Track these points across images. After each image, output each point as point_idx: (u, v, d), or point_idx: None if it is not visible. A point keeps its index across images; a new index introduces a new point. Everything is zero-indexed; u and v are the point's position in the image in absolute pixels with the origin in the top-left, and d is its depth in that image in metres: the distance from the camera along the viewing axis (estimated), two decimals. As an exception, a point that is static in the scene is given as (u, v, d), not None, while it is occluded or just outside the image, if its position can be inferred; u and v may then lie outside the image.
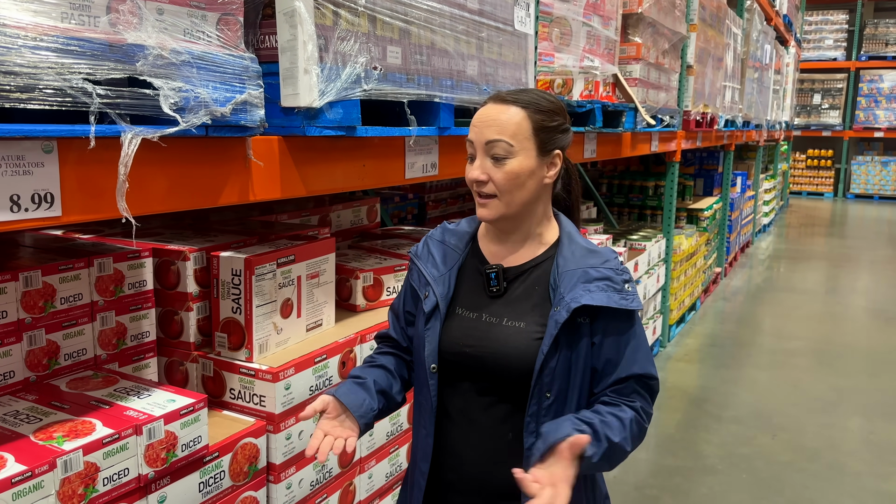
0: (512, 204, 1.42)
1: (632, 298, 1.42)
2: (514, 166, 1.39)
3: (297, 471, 1.85)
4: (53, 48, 1.12)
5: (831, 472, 3.67)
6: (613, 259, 1.46)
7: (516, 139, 1.39)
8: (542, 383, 1.39)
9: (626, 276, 1.45)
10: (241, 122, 1.45)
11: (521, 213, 1.44)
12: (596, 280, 1.41)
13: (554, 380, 1.39)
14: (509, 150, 1.39)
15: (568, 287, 1.39)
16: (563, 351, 1.39)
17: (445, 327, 1.46)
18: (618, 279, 1.43)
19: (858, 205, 15.82)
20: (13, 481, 1.21)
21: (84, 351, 1.70)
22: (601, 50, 3.54)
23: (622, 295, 1.42)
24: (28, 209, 1.14)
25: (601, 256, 1.45)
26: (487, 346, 1.42)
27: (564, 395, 1.41)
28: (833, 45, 16.80)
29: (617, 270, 1.44)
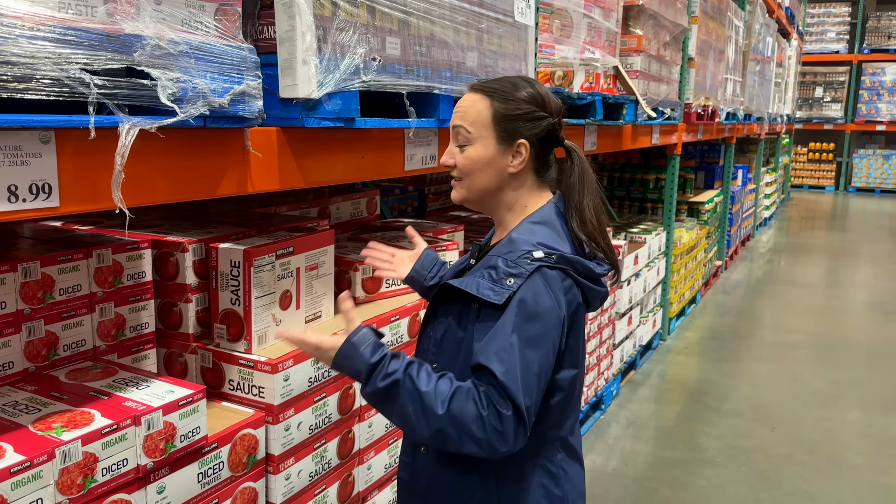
0: (472, 189, 1.47)
1: (499, 292, 1.33)
2: (471, 153, 1.45)
3: (297, 462, 1.85)
4: (51, 38, 1.12)
5: (830, 465, 3.68)
6: (520, 251, 1.37)
7: (475, 126, 1.44)
8: (427, 350, 1.48)
9: (516, 269, 1.34)
10: (240, 113, 1.44)
11: (484, 199, 1.49)
12: (487, 267, 1.40)
13: (440, 351, 1.46)
14: (468, 136, 1.45)
15: (472, 270, 1.46)
16: (451, 328, 1.44)
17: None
18: (502, 270, 1.36)
19: (860, 198, 15.80)
20: (12, 471, 1.21)
21: (83, 342, 1.70)
22: (602, 42, 3.52)
23: (493, 286, 1.34)
24: (26, 200, 1.14)
25: (512, 246, 1.40)
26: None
27: (455, 373, 1.38)
28: (835, 37, 16.75)
29: (510, 262, 1.36)
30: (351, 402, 2.04)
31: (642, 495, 3.33)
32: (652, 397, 4.52)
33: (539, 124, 1.44)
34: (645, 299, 4.97)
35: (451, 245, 2.63)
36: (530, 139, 1.43)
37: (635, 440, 3.89)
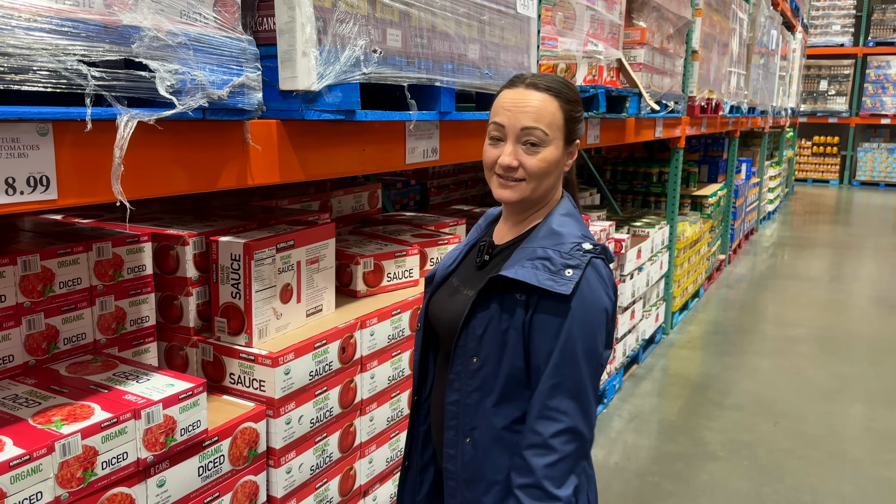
0: (537, 190, 1.45)
1: (564, 282, 1.34)
2: (547, 155, 1.42)
3: (298, 455, 1.85)
4: (48, 29, 1.11)
5: (832, 459, 3.67)
6: (570, 244, 1.40)
7: (551, 129, 1.42)
8: (467, 346, 1.44)
9: (573, 261, 1.37)
10: (239, 106, 1.43)
11: (538, 199, 1.48)
12: (536, 258, 1.39)
13: (481, 346, 1.43)
14: (544, 138, 1.41)
15: (511, 262, 1.41)
16: (494, 321, 1.41)
17: (435, 295, 1.60)
18: (558, 261, 1.37)
19: (864, 192, 15.74)
20: (11, 464, 1.21)
21: (83, 335, 1.69)
22: (605, 34, 3.51)
23: (553, 276, 1.35)
24: (24, 192, 1.14)
25: (559, 238, 1.42)
26: (444, 311, 1.54)
27: (496, 365, 1.42)
28: (840, 30, 16.67)
29: (564, 254, 1.38)
30: (352, 396, 2.03)
31: (644, 489, 3.33)
32: (654, 391, 4.51)
33: (582, 126, 1.50)
34: (648, 293, 4.95)
35: (452, 239, 2.62)
36: (580, 139, 1.50)
37: (637, 434, 3.88)
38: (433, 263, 2.58)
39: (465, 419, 1.46)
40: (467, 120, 2.30)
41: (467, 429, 1.46)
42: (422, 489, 1.68)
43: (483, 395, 1.44)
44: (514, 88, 1.45)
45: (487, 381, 1.43)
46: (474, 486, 1.47)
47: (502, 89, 1.48)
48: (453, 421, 1.49)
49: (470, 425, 1.46)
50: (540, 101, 1.41)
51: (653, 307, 5.10)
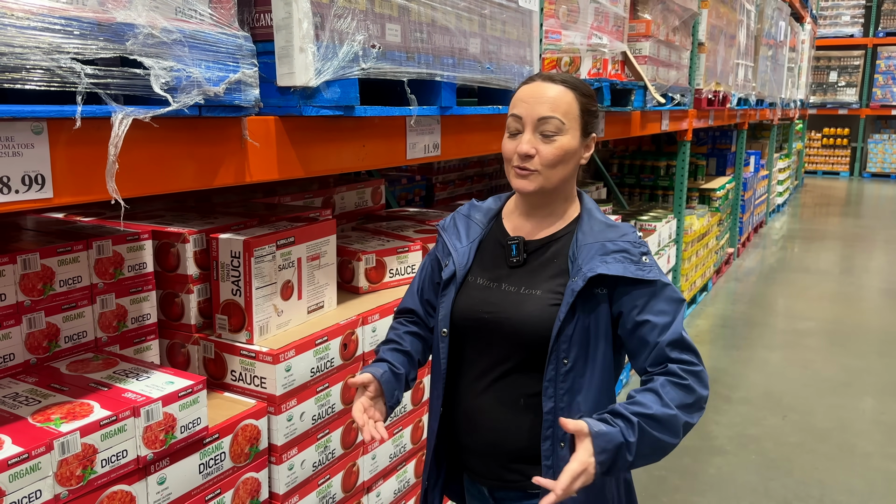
0: (551, 179, 1.48)
1: (649, 269, 1.44)
2: (563, 143, 1.46)
3: (300, 452, 1.85)
4: (41, 27, 1.11)
5: (841, 452, 3.64)
6: (631, 233, 1.49)
7: (567, 118, 1.46)
8: (559, 349, 1.44)
9: (643, 248, 1.47)
10: (236, 102, 1.43)
11: (555, 190, 1.50)
12: (613, 252, 1.45)
13: (571, 346, 1.44)
14: (560, 127, 1.46)
15: (586, 259, 1.45)
16: (580, 319, 1.44)
17: (461, 295, 1.54)
18: (635, 251, 1.46)
19: (874, 184, 15.63)
20: (10, 463, 1.21)
21: (84, 333, 1.70)
22: (610, 27, 3.48)
23: (638, 266, 1.44)
24: (19, 191, 1.14)
25: (619, 230, 1.49)
26: (504, 312, 1.48)
27: (583, 362, 1.45)
28: (850, 21, 16.52)
29: (634, 244, 1.47)
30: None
31: (651, 483, 3.32)
32: (662, 386, 4.49)
33: (600, 121, 1.56)
34: (655, 287, 4.93)
35: (455, 234, 2.61)
36: (597, 133, 1.55)
37: (645, 429, 3.86)
38: (436, 259, 2.58)
39: (559, 427, 1.43)
40: (469, 115, 2.29)
41: (561, 433, 1.44)
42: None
43: (572, 396, 1.46)
44: (531, 83, 1.50)
45: (576, 381, 1.45)
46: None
47: (519, 87, 1.52)
48: (549, 430, 1.46)
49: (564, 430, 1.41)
50: (556, 92, 1.47)
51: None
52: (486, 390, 1.52)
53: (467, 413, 1.55)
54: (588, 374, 1.46)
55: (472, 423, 1.54)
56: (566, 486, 1.27)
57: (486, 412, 1.52)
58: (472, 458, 1.57)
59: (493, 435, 1.52)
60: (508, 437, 1.51)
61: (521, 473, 1.52)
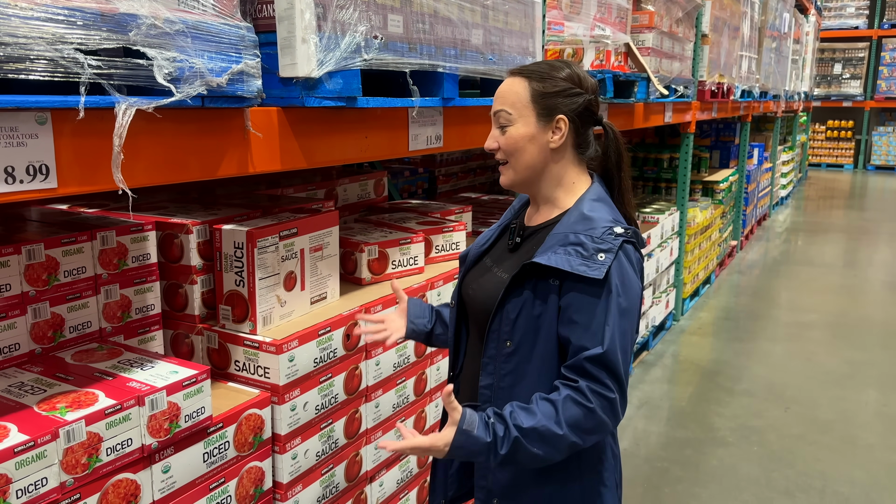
0: (517, 168, 1.51)
1: (596, 267, 1.38)
2: (513, 132, 1.50)
3: (303, 441, 1.86)
4: (44, 18, 1.11)
5: (844, 444, 3.65)
6: (601, 228, 1.43)
7: (515, 108, 1.50)
8: (501, 329, 1.48)
9: (603, 245, 1.40)
10: (238, 93, 1.43)
11: (531, 177, 1.52)
12: (569, 244, 1.42)
13: (515, 330, 1.46)
14: (508, 118, 1.50)
15: (544, 248, 1.45)
16: (527, 305, 1.45)
17: (468, 274, 1.64)
18: (590, 246, 1.40)
19: (879, 177, 15.58)
20: (16, 451, 1.22)
21: (89, 324, 1.71)
22: (613, 18, 3.47)
23: (586, 261, 1.39)
24: (23, 181, 1.14)
25: (590, 223, 1.44)
26: (477, 291, 1.58)
27: (529, 348, 1.46)
28: (855, 13, 16.44)
29: (595, 238, 1.41)
30: (357, 383, 2.04)
31: (654, 475, 3.33)
32: (664, 378, 4.50)
33: (576, 100, 1.49)
34: (658, 280, 4.93)
35: (457, 226, 2.61)
36: (568, 115, 1.49)
37: (647, 420, 3.88)
38: (438, 251, 2.58)
39: (498, 403, 1.47)
40: (471, 106, 2.29)
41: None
42: (453, 464, 1.68)
43: (516, 378, 1.47)
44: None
45: (520, 365, 1.47)
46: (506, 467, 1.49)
47: None
48: (486, 405, 1.50)
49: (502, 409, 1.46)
50: (507, 85, 1.52)
51: (663, 294, 5.08)
52: (469, 363, 1.62)
53: (462, 381, 1.65)
54: (536, 362, 1.45)
55: (464, 392, 1.62)
56: (402, 449, 1.38)
57: (466, 382, 1.62)
58: None
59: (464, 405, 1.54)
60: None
61: None
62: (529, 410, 1.37)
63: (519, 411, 1.37)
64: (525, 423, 1.35)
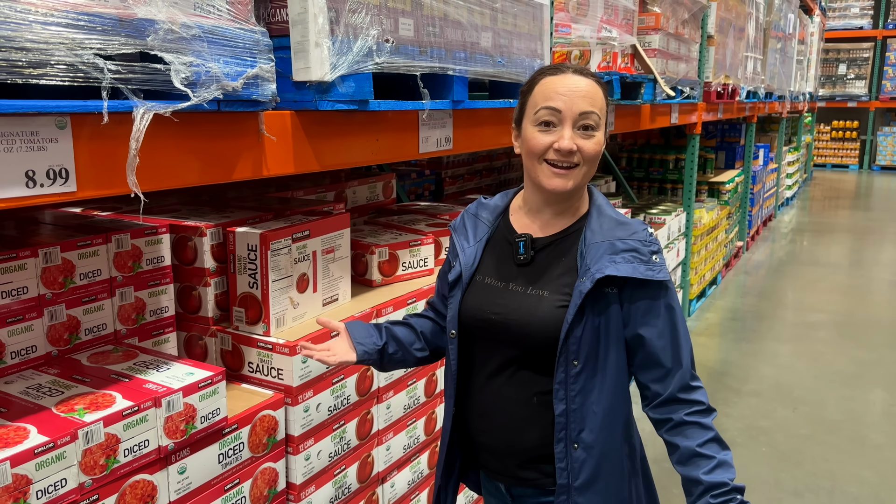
0: (588, 175, 1.46)
1: (658, 269, 1.43)
2: (601, 139, 1.45)
3: (316, 442, 1.87)
4: (64, 23, 1.13)
5: (852, 444, 3.65)
6: (642, 231, 1.46)
7: (602, 113, 1.45)
8: (569, 351, 1.42)
9: (653, 247, 1.45)
10: (253, 97, 1.45)
11: (584, 186, 1.51)
12: (623, 251, 1.42)
13: (581, 348, 1.42)
14: (599, 122, 1.44)
15: (594, 258, 1.42)
16: (589, 320, 1.42)
17: (468, 295, 1.52)
18: (644, 250, 1.43)
19: (884, 177, 15.54)
20: (36, 452, 1.23)
21: (104, 326, 1.72)
22: (619, 20, 3.48)
23: (648, 266, 1.42)
24: (43, 185, 1.16)
25: (629, 228, 1.46)
26: (512, 313, 1.46)
27: (594, 363, 1.44)
28: (859, 13, 16.42)
29: (644, 242, 1.44)
30: (369, 384, 2.05)
31: (662, 476, 3.32)
32: (672, 378, 4.50)
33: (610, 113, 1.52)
34: (664, 280, 4.93)
35: (467, 227, 2.62)
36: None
37: (655, 421, 3.88)
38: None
39: (573, 425, 1.45)
40: (480, 108, 2.30)
41: (574, 434, 1.46)
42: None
43: (584, 397, 1.45)
44: (561, 74, 1.44)
45: (588, 381, 1.44)
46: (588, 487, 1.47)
47: (542, 76, 1.46)
48: (562, 433, 1.46)
49: (578, 429, 1.45)
50: (592, 87, 1.44)
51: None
52: (499, 389, 1.51)
53: (481, 412, 1.55)
54: (600, 374, 1.44)
55: (487, 421, 1.54)
56: None
57: (500, 411, 1.52)
58: (488, 457, 1.57)
59: (507, 433, 1.52)
60: (524, 435, 1.50)
61: (537, 471, 1.52)
62: (717, 465, 1.44)
63: (718, 473, 1.44)
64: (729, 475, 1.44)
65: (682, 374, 1.46)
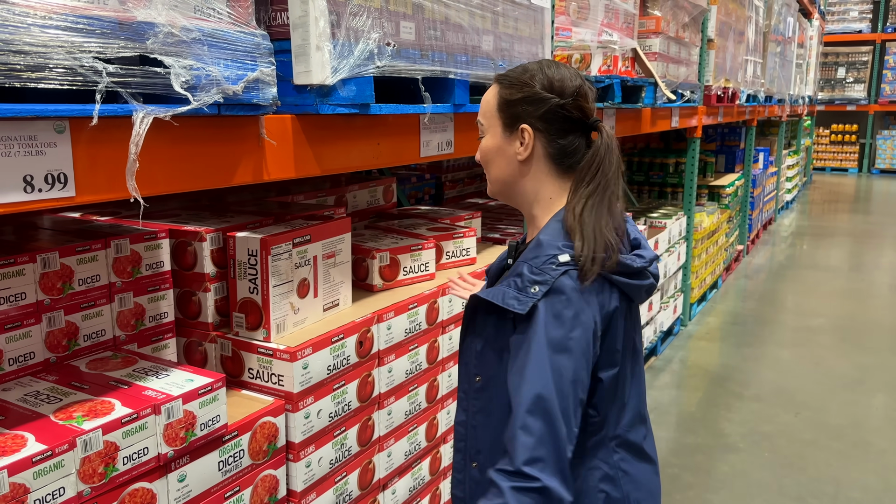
0: (491, 181, 1.44)
1: (524, 301, 1.24)
2: (482, 144, 1.42)
3: (317, 449, 1.86)
4: (63, 27, 1.11)
5: (855, 449, 3.63)
6: (546, 256, 1.27)
7: (485, 117, 1.41)
8: (467, 362, 1.42)
9: (541, 276, 1.25)
10: (254, 101, 1.43)
11: (506, 192, 1.43)
12: (514, 275, 1.30)
13: (482, 365, 1.38)
14: (482, 128, 1.43)
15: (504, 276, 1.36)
16: (489, 339, 1.35)
17: None
18: (527, 276, 1.26)
19: (883, 180, 15.55)
20: (34, 460, 1.22)
21: (103, 332, 1.71)
22: (620, 24, 3.48)
23: (517, 294, 1.26)
24: (42, 189, 1.14)
25: (538, 250, 1.30)
26: None
27: (495, 388, 1.35)
28: (858, 16, 16.44)
29: (535, 268, 1.26)
30: (370, 390, 2.03)
31: (664, 481, 3.30)
32: (673, 383, 4.49)
33: (541, 106, 1.32)
34: (665, 285, 4.92)
35: (468, 232, 2.61)
36: (532, 123, 1.34)
37: (657, 426, 3.86)
38: (449, 257, 2.58)
39: (472, 442, 1.41)
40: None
41: (473, 452, 1.41)
42: None
43: (486, 416, 1.38)
44: None
45: (490, 402, 1.37)
46: None
47: None
48: (461, 443, 1.43)
49: (475, 448, 1.41)
50: (486, 93, 1.42)
51: (671, 299, 5.07)
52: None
53: None
54: (496, 401, 1.34)
55: None
56: None
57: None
58: None
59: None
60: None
61: None
62: None
63: None
64: None
65: (520, 444, 1.19)
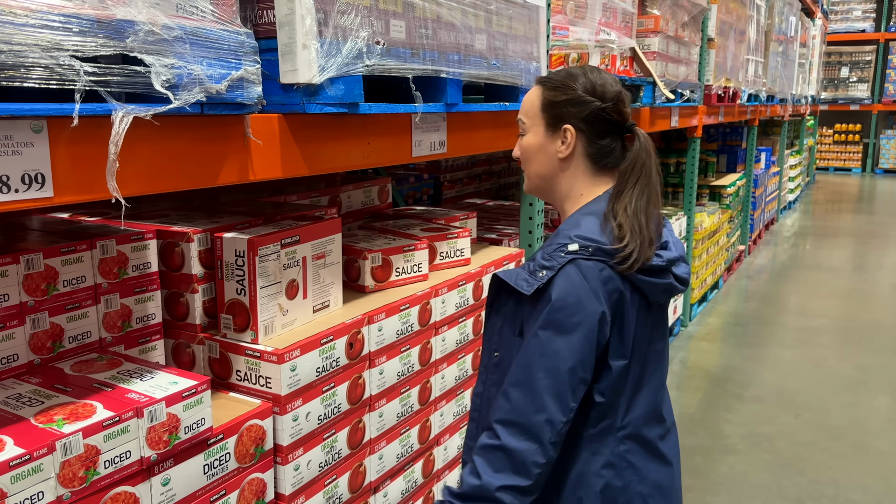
0: (530, 177, 1.56)
1: (529, 282, 1.36)
2: (524, 142, 1.54)
3: (306, 452, 1.84)
4: (39, 24, 1.10)
5: (856, 451, 3.60)
6: (557, 244, 1.38)
7: (528, 116, 1.53)
8: (490, 338, 1.51)
9: (550, 262, 1.36)
10: (238, 100, 1.42)
11: (543, 187, 1.55)
12: (531, 259, 1.43)
13: (501, 342, 1.47)
14: (523, 127, 1.55)
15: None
16: (508, 318, 1.46)
17: None
18: (539, 261, 1.38)
19: (887, 180, 15.49)
20: (11, 464, 1.20)
21: (89, 334, 1.69)
22: (618, 23, 3.45)
23: (525, 276, 1.38)
24: (18, 190, 1.12)
25: (554, 238, 1.42)
26: None
27: (510, 364, 1.42)
28: (861, 16, 16.39)
29: (546, 255, 1.38)
30: (361, 392, 2.01)
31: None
32: (673, 384, 4.46)
33: (584, 108, 1.46)
34: (665, 285, 4.89)
35: (462, 233, 2.59)
36: (575, 123, 1.47)
37: (655, 428, 3.83)
38: (442, 258, 2.56)
39: (485, 412, 1.48)
40: (475, 111, 2.27)
41: (486, 423, 1.46)
42: None
43: (499, 390, 1.45)
44: None
45: (504, 377, 1.43)
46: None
47: None
48: (475, 413, 1.53)
49: (488, 419, 1.45)
50: (528, 93, 1.54)
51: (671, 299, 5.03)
52: None
53: None
54: None
55: None
56: None
57: None
58: None
59: None
60: None
61: None
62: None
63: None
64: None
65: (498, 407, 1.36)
